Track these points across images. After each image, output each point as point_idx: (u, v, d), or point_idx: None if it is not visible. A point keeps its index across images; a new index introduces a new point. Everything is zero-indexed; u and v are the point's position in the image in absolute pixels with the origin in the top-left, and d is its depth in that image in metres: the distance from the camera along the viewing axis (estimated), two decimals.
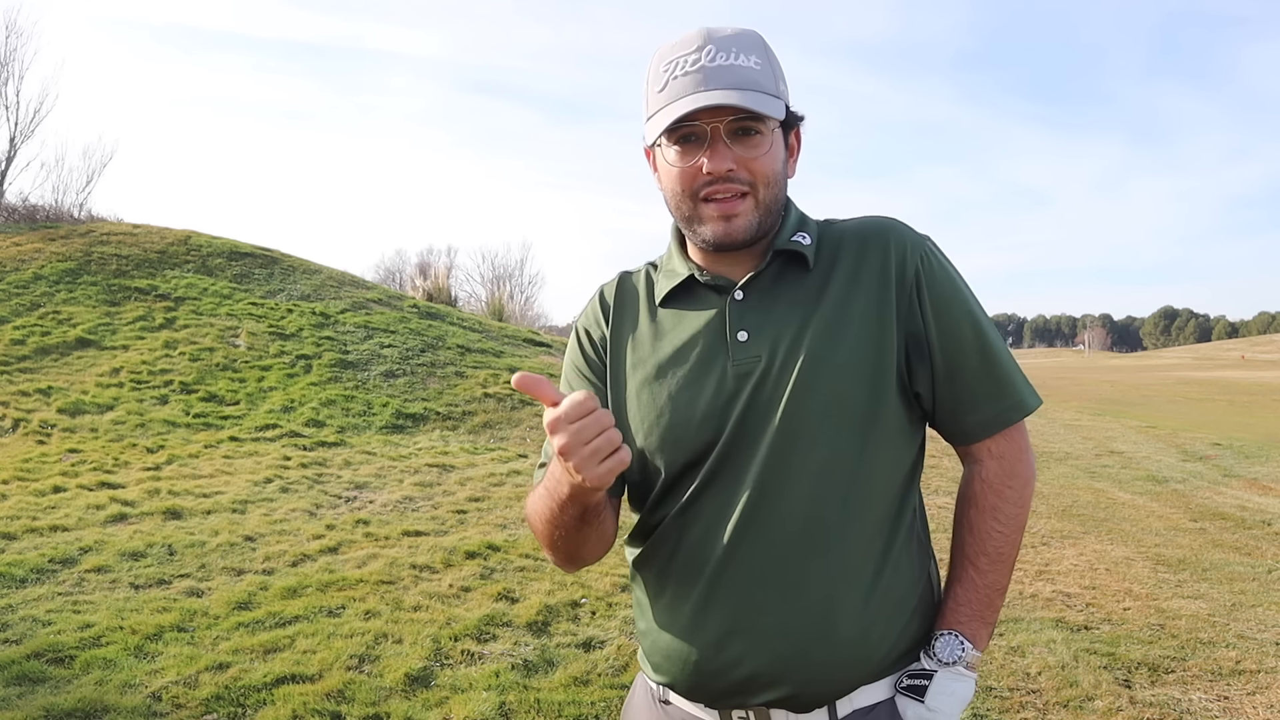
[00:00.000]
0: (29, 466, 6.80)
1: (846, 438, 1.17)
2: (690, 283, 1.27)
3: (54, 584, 4.44)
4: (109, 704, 3.17)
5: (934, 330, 1.21)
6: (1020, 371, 1.27)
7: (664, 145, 1.21)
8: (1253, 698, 3.51)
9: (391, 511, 6.05)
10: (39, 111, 18.11)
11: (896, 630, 1.20)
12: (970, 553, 1.25)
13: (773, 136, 1.20)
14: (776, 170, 1.21)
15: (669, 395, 1.23)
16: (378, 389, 9.67)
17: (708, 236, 1.20)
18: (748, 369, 1.20)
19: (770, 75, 1.19)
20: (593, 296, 1.39)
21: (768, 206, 1.20)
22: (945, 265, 1.25)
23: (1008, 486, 1.25)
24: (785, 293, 1.23)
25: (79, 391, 8.73)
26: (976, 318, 1.24)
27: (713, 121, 1.16)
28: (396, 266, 40.89)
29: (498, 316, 16.82)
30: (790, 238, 1.24)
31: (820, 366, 1.17)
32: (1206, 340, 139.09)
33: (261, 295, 12.09)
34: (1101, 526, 6.59)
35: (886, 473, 1.20)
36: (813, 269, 1.23)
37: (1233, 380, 30.25)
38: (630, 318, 1.32)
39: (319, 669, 3.51)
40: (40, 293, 11.17)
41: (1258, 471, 9.57)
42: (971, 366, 1.23)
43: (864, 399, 1.18)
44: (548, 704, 3.28)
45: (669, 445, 1.22)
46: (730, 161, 1.17)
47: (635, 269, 1.38)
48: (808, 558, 1.16)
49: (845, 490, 1.17)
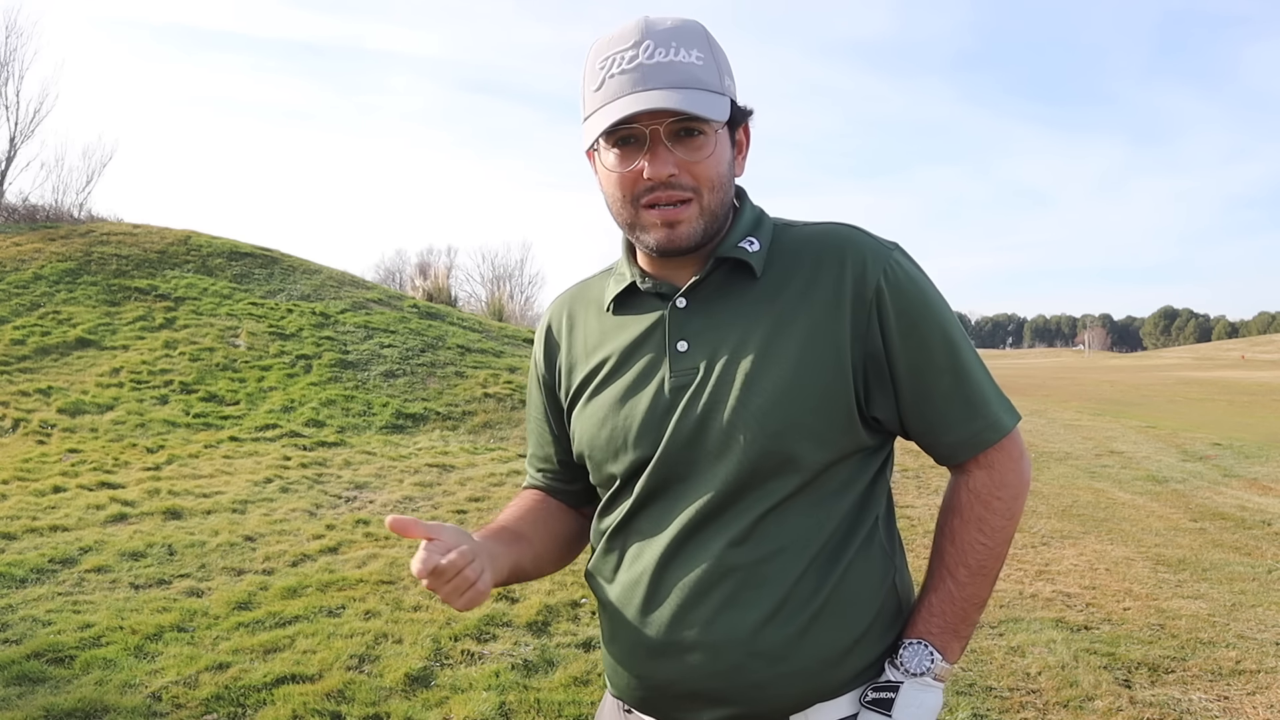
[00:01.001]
0: (29, 466, 6.80)
1: (785, 458, 1.12)
2: (635, 289, 1.22)
3: (54, 584, 4.45)
4: (109, 704, 3.17)
5: (899, 350, 1.14)
6: (996, 387, 1.19)
7: (602, 148, 1.15)
8: (1253, 698, 3.51)
9: (391, 511, 6.05)
10: (39, 111, 18.13)
11: (849, 645, 1.15)
12: (950, 563, 1.19)
13: (716, 137, 1.13)
14: (721, 173, 1.14)
15: (610, 405, 1.20)
16: (378, 389, 9.68)
17: (650, 244, 1.15)
18: (684, 381, 1.15)
19: (714, 70, 1.12)
20: (553, 303, 1.37)
21: (713, 212, 1.14)
22: (913, 278, 1.16)
23: (996, 498, 1.18)
24: (730, 302, 1.17)
25: (79, 391, 8.73)
26: (949, 334, 1.16)
27: (652, 124, 1.09)
28: (396, 266, 40.94)
29: (498, 316, 16.82)
30: (736, 243, 1.17)
31: (758, 383, 1.12)
32: (1206, 340, 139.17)
33: (261, 295, 12.09)
34: (1101, 526, 6.59)
35: (834, 490, 1.15)
36: (760, 277, 1.17)
37: (1233, 380, 30.26)
38: (581, 324, 1.29)
39: (319, 669, 3.51)
40: (40, 293, 11.18)
41: (1258, 471, 9.57)
42: (943, 388, 1.15)
43: (806, 418, 1.12)
44: (548, 704, 3.28)
45: (610, 456, 1.20)
46: (672, 166, 1.11)
47: (592, 275, 1.34)
48: (742, 576, 1.12)
49: (784, 508, 1.12)
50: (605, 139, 1.13)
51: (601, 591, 1.24)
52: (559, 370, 1.30)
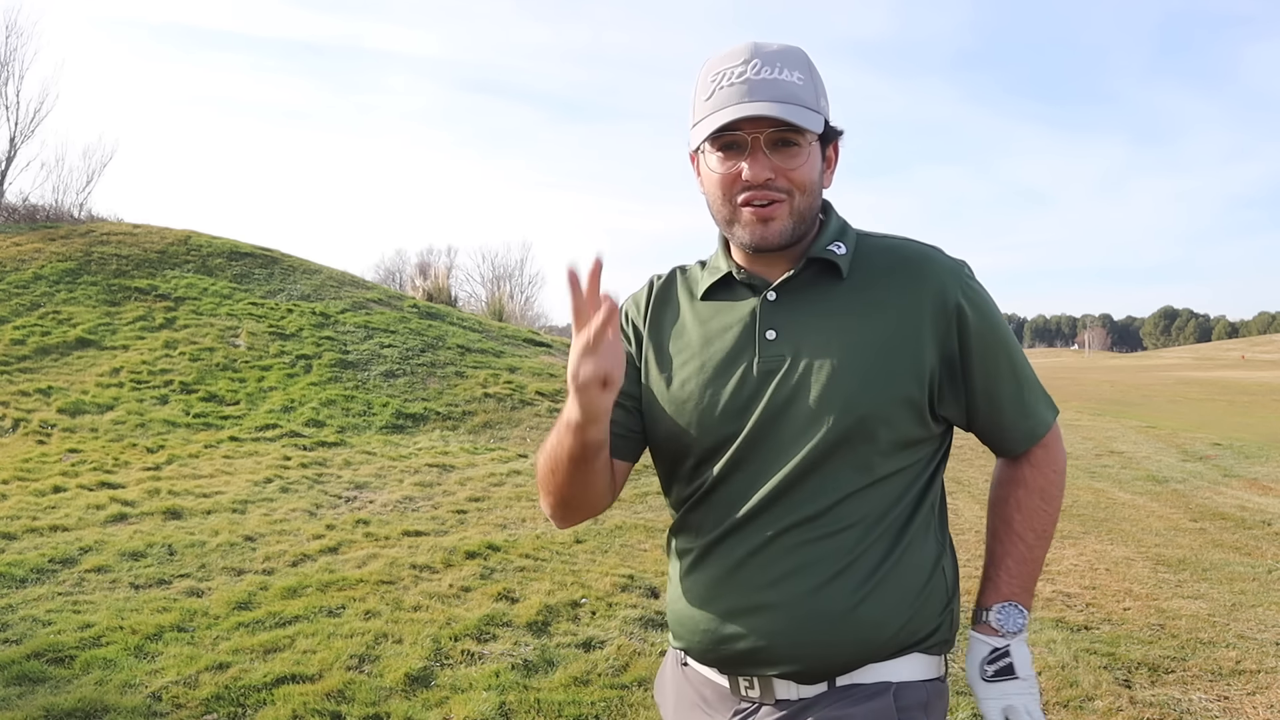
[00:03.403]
0: (29, 466, 6.80)
1: (861, 443, 1.24)
2: (729, 279, 1.35)
3: (54, 584, 4.45)
4: (109, 704, 3.17)
5: (976, 360, 1.29)
6: (1041, 385, 1.37)
7: (707, 151, 1.28)
8: (1253, 698, 3.51)
9: (391, 511, 6.05)
10: (39, 111, 18.13)
11: (905, 615, 1.25)
12: (1019, 528, 1.34)
13: (810, 149, 1.26)
14: (812, 180, 1.27)
15: (698, 384, 1.31)
16: (378, 389, 9.68)
17: (745, 239, 1.27)
18: (772, 367, 1.27)
19: (812, 91, 1.25)
20: (645, 283, 1.47)
21: (802, 214, 1.27)
22: (985, 297, 1.31)
23: (1052, 469, 1.36)
24: (817, 299, 1.30)
25: (79, 391, 8.73)
26: (1012, 346, 1.33)
27: (754, 132, 1.23)
28: (396, 266, 40.95)
29: (498, 316, 16.82)
30: (826, 246, 1.30)
31: (842, 372, 1.24)
32: (1206, 340, 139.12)
33: (261, 295, 12.09)
34: (1101, 526, 6.59)
35: (901, 475, 1.27)
36: (846, 279, 1.30)
37: (1233, 380, 30.25)
38: (673, 306, 1.40)
39: (319, 669, 3.51)
40: (40, 293, 11.17)
41: (1258, 471, 9.57)
42: (1009, 392, 1.32)
43: (883, 407, 1.24)
44: (548, 704, 3.28)
45: (695, 431, 1.31)
46: (769, 170, 1.23)
47: (689, 264, 1.46)
48: (813, 547, 1.23)
49: (856, 490, 1.24)
50: (710, 143, 1.26)
51: (679, 554, 1.37)
52: (645, 347, 1.40)
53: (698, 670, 1.36)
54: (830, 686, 1.26)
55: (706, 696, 1.35)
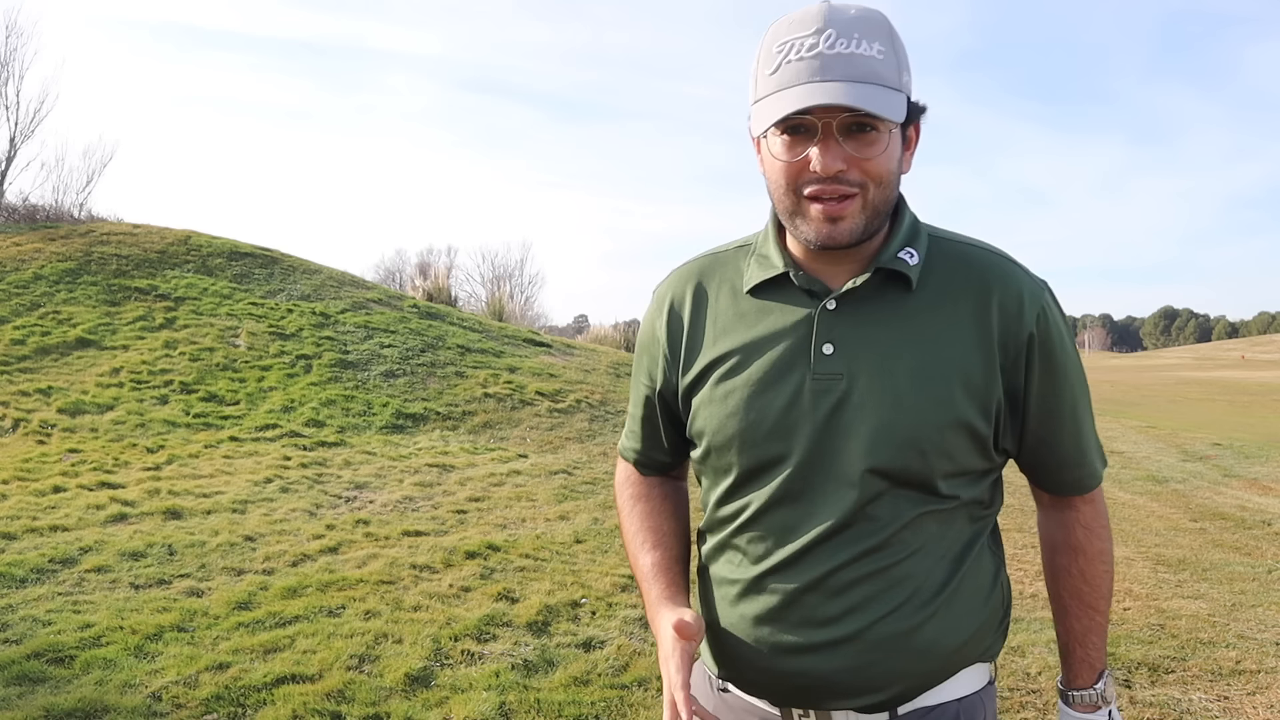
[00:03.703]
0: (29, 466, 6.80)
1: (923, 473, 1.14)
2: (783, 279, 1.20)
3: (54, 584, 4.44)
4: (109, 704, 3.17)
5: (1037, 394, 1.18)
6: (1096, 433, 1.27)
7: (771, 134, 1.12)
8: (1253, 698, 3.51)
9: (391, 511, 6.05)
10: (39, 111, 18.08)
11: (967, 634, 1.20)
12: (1091, 601, 1.28)
13: (890, 136, 1.10)
14: (890, 170, 1.12)
15: (744, 397, 1.18)
16: (378, 389, 9.68)
17: (810, 237, 1.13)
18: (826, 386, 1.15)
19: (894, 65, 1.09)
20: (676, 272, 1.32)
21: (876, 208, 1.12)
22: (1061, 327, 1.19)
23: (1103, 527, 1.28)
24: (882, 311, 1.16)
25: (79, 391, 8.73)
26: (1077, 387, 1.22)
27: (825, 117, 1.07)
28: (396, 266, 40.94)
29: (498, 316, 16.82)
30: (896, 253, 1.16)
31: (904, 401, 1.13)
32: (1206, 340, 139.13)
33: (261, 295, 12.09)
34: None
35: (962, 502, 1.19)
36: (915, 291, 1.16)
37: (1233, 380, 30.25)
38: (714, 300, 1.25)
39: (319, 669, 3.51)
40: (40, 293, 11.17)
41: (1258, 471, 9.57)
42: (1067, 434, 1.22)
43: (947, 440, 1.14)
44: (548, 704, 3.28)
45: (739, 448, 1.19)
46: (841, 161, 1.08)
47: (723, 248, 1.30)
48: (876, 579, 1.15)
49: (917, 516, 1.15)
50: (775, 126, 1.10)
51: (718, 583, 1.25)
52: (681, 349, 1.26)
53: (741, 697, 1.26)
54: (893, 715, 1.19)
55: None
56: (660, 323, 1.29)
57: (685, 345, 1.26)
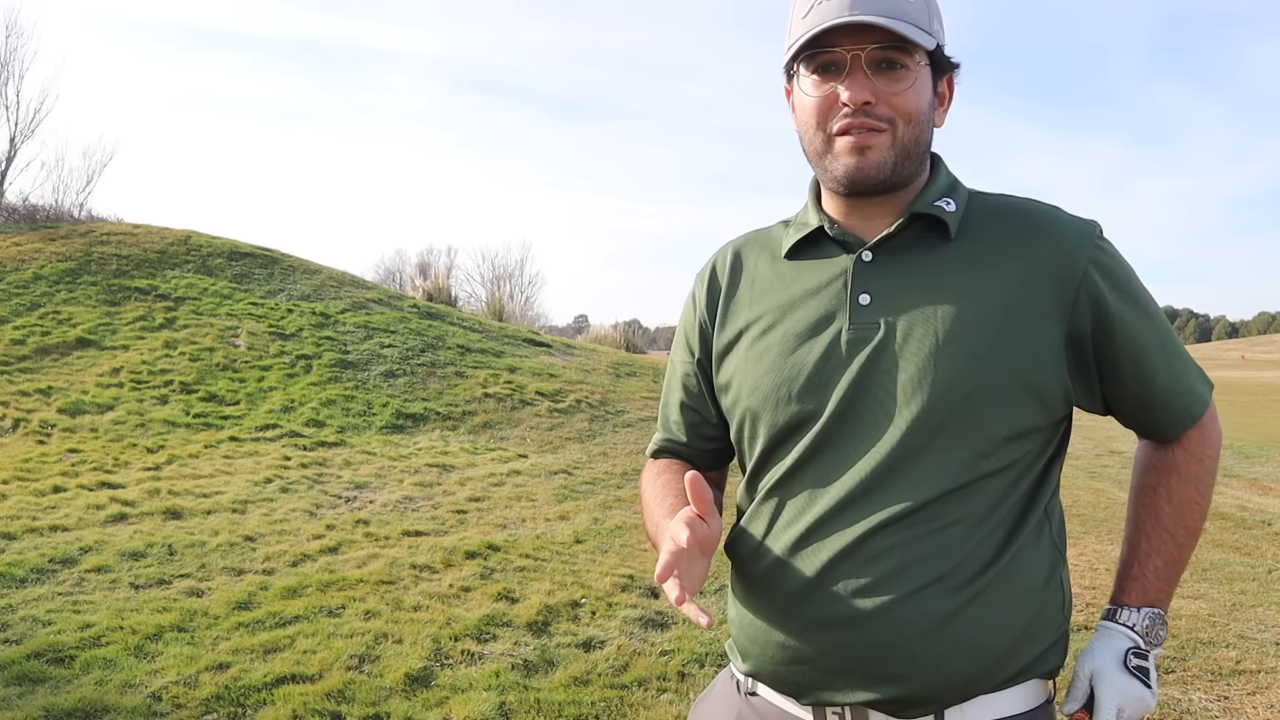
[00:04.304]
0: (29, 466, 6.80)
1: (966, 428, 1.07)
2: (819, 235, 1.18)
3: (54, 584, 4.44)
4: (109, 704, 3.17)
5: (1113, 338, 1.11)
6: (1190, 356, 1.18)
7: (801, 74, 1.13)
8: (1253, 698, 3.51)
9: (391, 511, 6.05)
10: (39, 111, 18.11)
11: (1016, 634, 1.08)
12: (1169, 524, 1.17)
13: (919, 72, 1.10)
14: (920, 108, 1.11)
15: (778, 354, 1.15)
16: (378, 389, 9.67)
17: (838, 172, 1.11)
18: (863, 335, 1.11)
19: (924, 9, 1.10)
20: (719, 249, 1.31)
21: (906, 147, 1.10)
22: (1119, 259, 1.13)
23: (1208, 455, 1.18)
24: (920, 261, 1.13)
25: (79, 391, 8.73)
26: (1154, 316, 1.14)
27: (854, 48, 1.08)
28: (396, 266, 40.94)
29: (498, 316, 16.82)
30: (934, 201, 1.14)
31: (947, 348, 1.07)
32: (1206, 340, 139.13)
33: (261, 295, 12.09)
34: (1101, 526, 6.59)
35: (1011, 469, 1.10)
36: (954, 239, 1.13)
37: (1233, 380, 30.25)
38: (750, 271, 1.24)
39: (319, 669, 3.51)
40: (40, 293, 11.17)
41: (1258, 471, 9.57)
42: (1158, 370, 1.14)
43: (991, 389, 1.07)
44: (548, 704, 3.28)
45: (771, 406, 1.14)
46: (869, 93, 1.08)
47: (769, 226, 1.30)
48: (911, 546, 1.06)
49: (962, 484, 1.07)
50: (806, 65, 1.12)
51: (748, 556, 1.17)
52: (718, 314, 1.25)
53: (770, 701, 1.17)
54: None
55: None
56: (701, 292, 1.28)
57: (721, 310, 1.25)
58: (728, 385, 1.21)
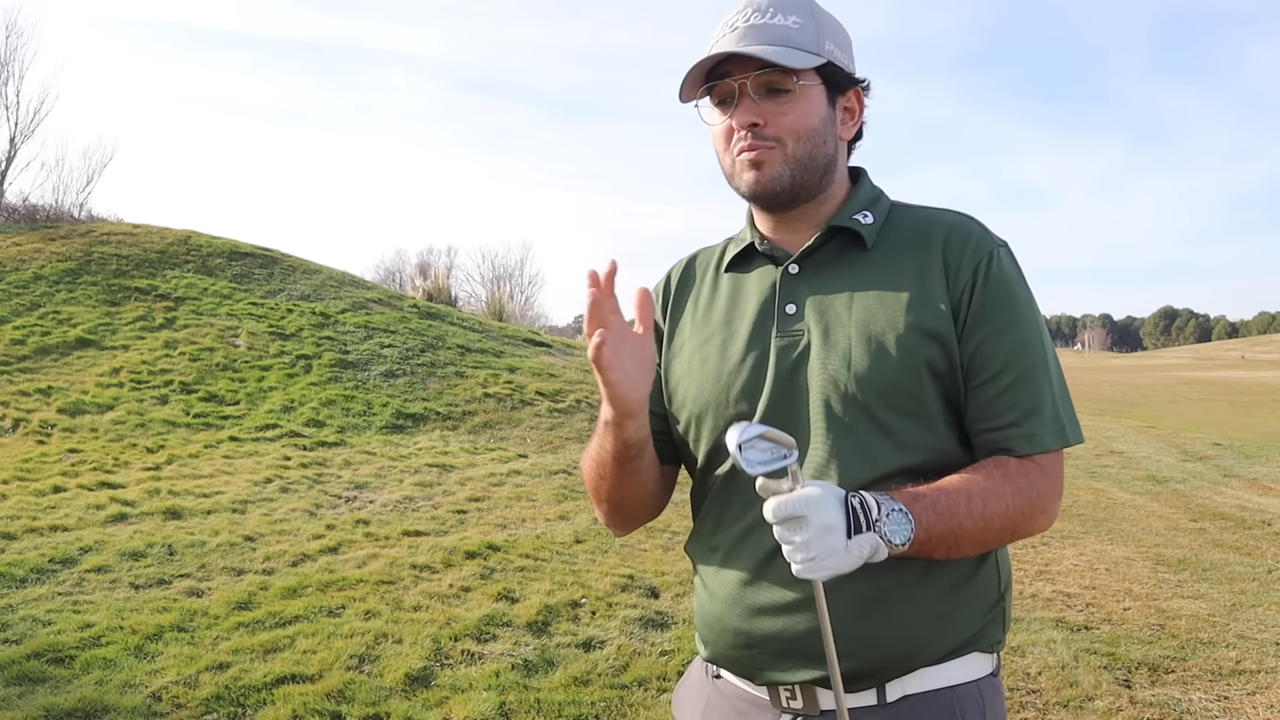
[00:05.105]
0: (29, 466, 6.80)
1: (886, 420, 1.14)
2: (751, 251, 1.30)
3: (54, 584, 4.44)
4: (109, 704, 3.17)
5: (973, 338, 1.16)
6: (1059, 404, 1.17)
7: (705, 106, 1.25)
8: (1253, 698, 3.51)
9: (391, 511, 6.05)
10: (39, 111, 18.14)
11: (948, 605, 1.15)
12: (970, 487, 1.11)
13: (804, 92, 1.19)
14: (808, 125, 1.20)
15: (717, 360, 1.26)
16: (378, 389, 9.68)
17: (743, 188, 1.22)
18: (790, 341, 1.21)
19: (811, 34, 1.20)
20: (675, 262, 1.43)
21: (800, 161, 1.20)
22: (1008, 275, 1.19)
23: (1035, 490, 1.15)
24: (840, 271, 1.23)
25: (79, 391, 8.73)
26: (1023, 338, 1.17)
27: (740, 78, 1.18)
28: (396, 266, 40.97)
29: (498, 316, 16.82)
30: (852, 215, 1.24)
31: (861, 351, 1.16)
32: (1206, 340, 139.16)
33: (261, 295, 12.09)
34: (1101, 526, 6.59)
35: (937, 455, 1.16)
36: (871, 250, 1.22)
37: (1233, 380, 30.25)
38: (696, 285, 1.36)
39: (319, 669, 3.51)
40: (40, 293, 11.17)
41: (1258, 471, 9.57)
42: (1003, 383, 1.15)
43: (901, 383, 1.14)
44: (548, 704, 3.28)
45: (712, 410, 1.24)
46: (756, 116, 1.19)
47: (712, 244, 1.41)
48: None
49: (882, 474, 1.13)
50: (710, 97, 1.23)
51: (702, 552, 1.28)
52: (667, 322, 1.36)
53: (732, 683, 1.26)
54: (880, 696, 1.15)
55: (743, 710, 1.24)
56: (655, 302, 1.38)
57: (670, 320, 1.36)
58: (674, 390, 1.31)
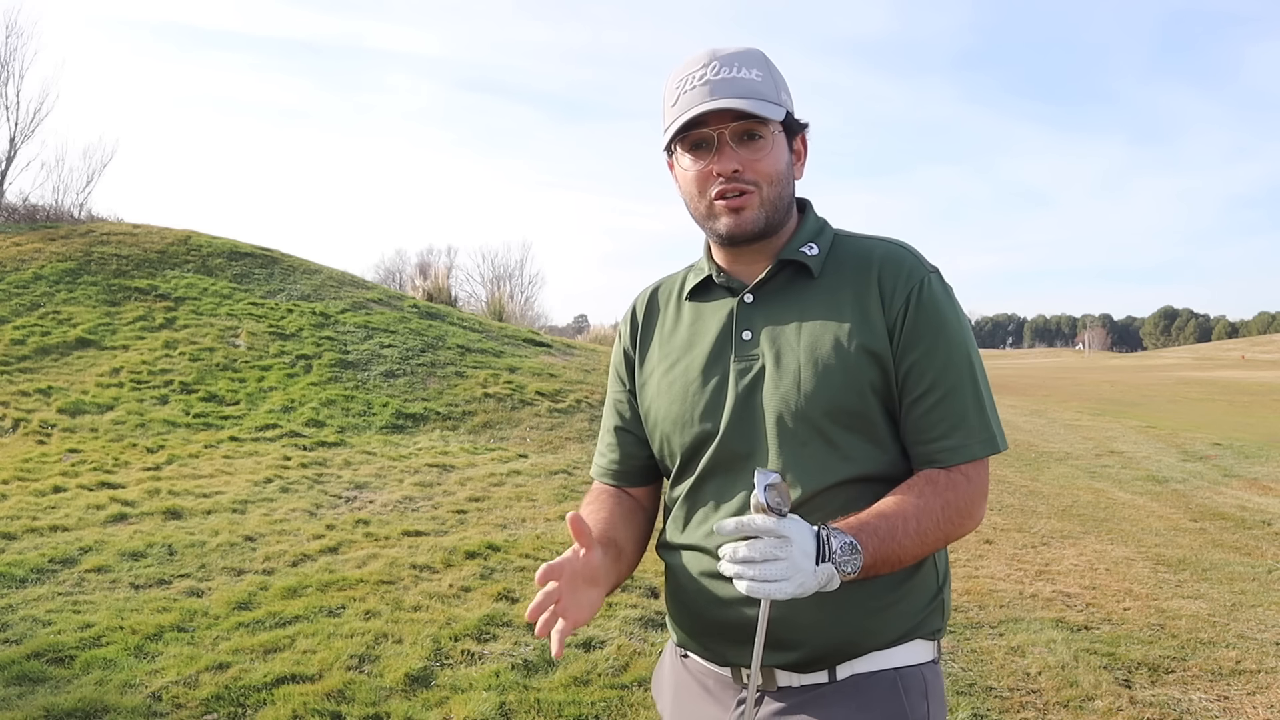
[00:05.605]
0: (29, 466, 6.80)
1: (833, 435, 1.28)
2: (710, 282, 1.41)
3: (54, 584, 4.45)
4: (109, 704, 3.18)
5: (906, 358, 1.28)
6: (985, 415, 1.29)
7: (679, 153, 1.33)
8: (1253, 698, 3.51)
9: (391, 511, 6.05)
10: (39, 111, 18.12)
11: (892, 603, 1.28)
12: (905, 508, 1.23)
13: (774, 139, 1.31)
14: (779, 170, 1.32)
15: (682, 385, 1.38)
16: (378, 389, 9.68)
17: (720, 231, 1.32)
18: (746, 365, 1.33)
19: (771, 86, 1.31)
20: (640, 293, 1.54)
21: (772, 203, 1.31)
22: (938, 299, 1.30)
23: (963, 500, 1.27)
24: (790, 300, 1.35)
25: (79, 391, 8.73)
26: (952, 356, 1.29)
27: (719, 127, 1.29)
28: (396, 266, 41.00)
29: (498, 316, 16.82)
30: (799, 247, 1.35)
31: (809, 372, 1.28)
32: (1206, 340, 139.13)
33: (261, 295, 12.09)
34: (1101, 526, 6.59)
35: (879, 469, 1.29)
36: (818, 278, 1.34)
37: (1233, 380, 30.24)
38: (660, 314, 1.47)
39: (319, 669, 3.51)
40: (40, 293, 11.18)
41: (1258, 471, 9.58)
42: (930, 401, 1.28)
43: (845, 402, 1.27)
44: (548, 704, 3.28)
45: (679, 430, 1.37)
46: (736, 162, 1.29)
47: (675, 272, 1.52)
48: None
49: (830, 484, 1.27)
50: (681, 145, 1.32)
51: (671, 549, 1.41)
52: (637, 350, 1.48)
53: (699, 662, 1.40)
54: (831, 676, 1.28)
55: (708, 685, 1.38)
56: (625, 331, 1.52)
57: (639, 348, 1.48)
58: (647, 413, 1.44)
